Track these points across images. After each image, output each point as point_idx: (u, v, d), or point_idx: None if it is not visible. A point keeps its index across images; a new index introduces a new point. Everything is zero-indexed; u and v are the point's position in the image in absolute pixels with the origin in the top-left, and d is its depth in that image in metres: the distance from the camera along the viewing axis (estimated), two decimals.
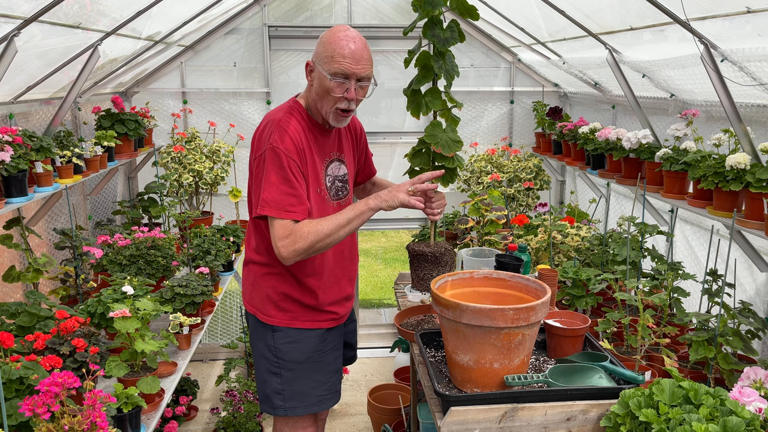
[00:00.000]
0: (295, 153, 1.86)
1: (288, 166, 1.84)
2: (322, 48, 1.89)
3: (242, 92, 4.41)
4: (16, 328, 2.01)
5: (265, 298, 2.05)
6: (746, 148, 2.26)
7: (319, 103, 1.94)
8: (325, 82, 1.88)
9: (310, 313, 2.06)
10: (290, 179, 1.84)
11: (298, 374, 2.06)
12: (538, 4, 3.14)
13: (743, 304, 2.14)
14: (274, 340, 2.05)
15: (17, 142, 2.33)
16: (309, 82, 1.95)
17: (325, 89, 1.90)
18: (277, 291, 2.04)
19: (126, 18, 2.88)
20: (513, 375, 1.68)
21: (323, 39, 1.91)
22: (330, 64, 1.87)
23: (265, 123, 1.94)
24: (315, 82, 1.93)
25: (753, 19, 2.03)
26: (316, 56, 1.92)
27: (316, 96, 1.94)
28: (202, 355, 4.61)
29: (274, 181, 1.83)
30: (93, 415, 1.40)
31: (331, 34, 1.90)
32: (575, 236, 2.91)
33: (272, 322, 2.05)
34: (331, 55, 1.86)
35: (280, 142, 1.85)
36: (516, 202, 4.03)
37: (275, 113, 1.95)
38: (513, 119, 4.70)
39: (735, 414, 1.40)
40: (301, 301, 2.05)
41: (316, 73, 1.91)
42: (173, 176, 3.73)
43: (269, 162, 1.84)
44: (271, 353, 2.06)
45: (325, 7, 4.40)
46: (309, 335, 2.06)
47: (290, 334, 2.04)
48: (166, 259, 2.91)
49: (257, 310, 2.08)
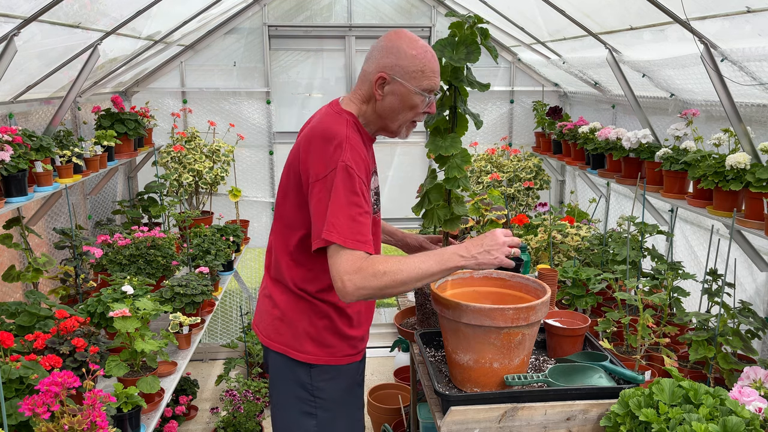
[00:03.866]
0: (365, 175, 1.68)
1: (360, 191, 1.63)
2: (407, 61, 1.71)
3: (242, 92, 4.41)
4: (16, 328, 2.01)
5: (300, 335, 1.82)
6: (746, 148, 2.26)
7: (390, 116, 1.78)
8: (411, 98, 1.74)
9: (348, 347, 1.86)
10: (362, 204, 1.63)
11: (334, 414, 1.87)
12: (538, 3, 3.14)
13: (743, 303, 2.14)
14: (311, 378, 1.83)
15: (17, 141, 2.33)
16: (378, 95, 1.74)
17: (408, 104, 1.75)
18: (317, 326, 1.81)
19: (126, 17, 2.88)
20: (513, 375, 1.68)
21: (403, 50, 1.71)
22: (420, 80, 1.72)
23: (320, 136, 1.68)
24: (390, 97, 1.74)
25: (753, 19, 2.03)
26: (395, 69, 1.71)
27: (388, 110, 1.77)
28: (202, 355, 4.61)
29: (345, 204, 1.60)
30: (93, 415, 1.40)
31: (411, 44, 1.72)
32: (575, 236, 2.91)
33: (309, 360, 1.82)
34: (422, 70, 1.72)
35: (353, 163, 1.63)
36: (516, 202, 4.03)
37: (333, 126, 1.70)
38: (513, 119, 4.70)
39: (735, 414, 1.40)
40: (343, 334, 1.84)
41: (396, 87, 1.73)
42: (173, 176, 3.73)
43: (341, 182, 1.61)
44: (307, 392, 1.83)
45: (325, 6, 4.40)
46: (348, 369, 1.88)
47: (329, 370, 1.84)
48: (166, 259, 2.91)
49: (288, 347, 1.83)
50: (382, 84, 1.73)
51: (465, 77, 1.94)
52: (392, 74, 1.72)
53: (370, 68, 1.75)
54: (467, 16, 1.94)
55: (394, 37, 1.74)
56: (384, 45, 1.74)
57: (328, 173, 1.63)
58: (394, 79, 1.72)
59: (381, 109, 1.77)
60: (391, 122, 1.80)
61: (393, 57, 1.72)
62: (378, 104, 1.77)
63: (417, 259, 1.61)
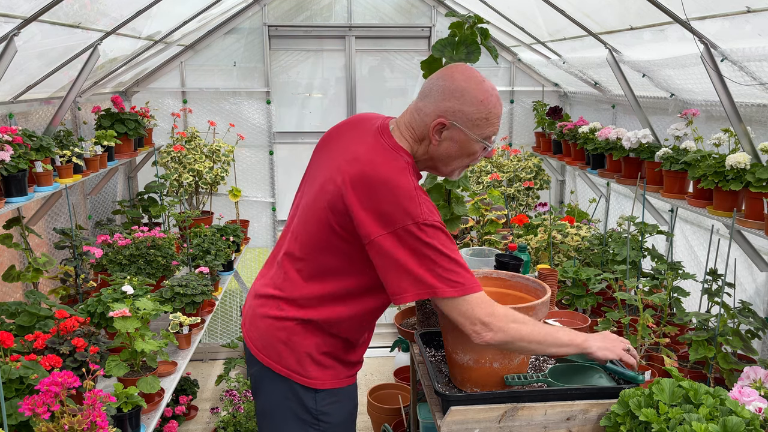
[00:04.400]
0: None
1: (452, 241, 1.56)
2: (472, 108, 1.58)
3: (242, 92, 4.41)
4: (16, 328, 2.01)
5: (303, 358, 1.74)
6: (746, 148, 2.26)
7: (445, 161, 1.68)
8: (471, 146, 1.63)
9: (348, 369, 1.82)
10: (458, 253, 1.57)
11: None
12: (538, 3, 3.14)
13: (743, 303, 2.14)
14: (316, 403, 1.76)
15: (17, 141, 2.33)
16: (435, 140, 1.61)
17: (467, 152, 1.64)
18: (321, 350, 1.74)
19: (126, 17, 2.88)
20: (512, 375, 1.68)
21: (469, 95, 1.59)
22: (484, 128, 1.61)
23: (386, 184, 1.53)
24: (448, 143, 1.62)
25: (753, 19, 2.03)
26: (456, 115, 1.58)
27: (444, 156, 1.65)
28: (202, 355, 4.61)
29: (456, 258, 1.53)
30: (93, 415, 1.40)
31: (478, 88, 1.60)
32: (575, 236, 2.91)
33: (314, 385, 1.75)
34: (487, 117, 1.60)
35: (435, 215, 1.55)
36: (516, 202, 4.03)
37: (399, 175, 1.55)
38: (513, 119, 4.70)
39: (735, 414, 1.40)
40: (345, 359, 1.80)
41: (455, 134, 1.60)
42: (173, 176, 3.73)
43: (436, 240, 1.51)
44: (313, 417, 1.77)
45: (325, 6, 4.40)
46: (349, 390, 1.84)
47: (335, 393, 1.79)
48: (166, 259, 2.91)
49: (292, 371, 1.75)
50: (441, 129, 1.60)
51: None
52: (453, 120, 1.59)
53: (428, 108, 1.60)
54: (467, 16, 1.94)
55: (460, 77, 1.60)
56: (447, 86, 1.59)
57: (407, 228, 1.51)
58: (454, 126, 1.59)
59: (435, 153, 1.65)
60: (444, 166, 1.70)
61: (456, 101, 1.58)
62: (432, 148, 1.64)
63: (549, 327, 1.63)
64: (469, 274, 1.55)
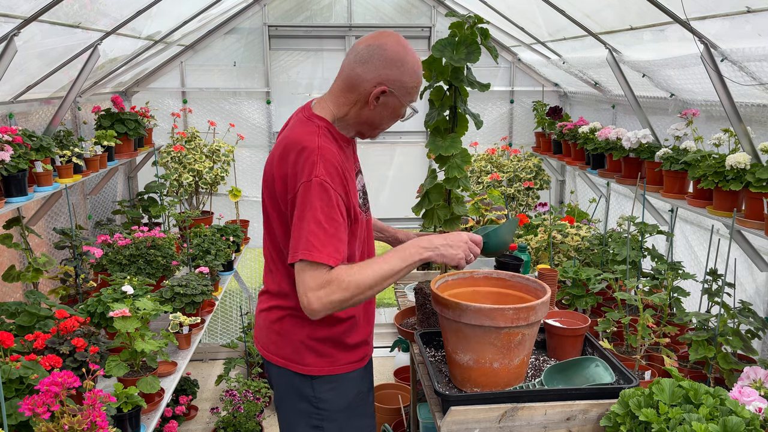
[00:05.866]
0: (341, 186, 1.63)
1: (337, 204, 1.59)
2: (409, 78, 1.68)
3: (242, 92, 4.41)
4: (16, 328, 2.01)
5: (299, 347, 1.79)
6: (746, 148, 2.26)
7: (375, 124, 1.76)
8: (400, 110, 1.74)
9: (348, 354, 1.83)
10: (339, 220, 1.59)
11: (341, 424, 1.84)
12: (538, 3, 3.14)
13: (743, 303, 2.14)
14: (313, 390, 1.80)
15: (17, 141, 2.33)
16: (370, 104, 1.68)
17: (396, 115, 1.75)
18: (314, 337, 1.78)
19: (126, 17, 2.88)
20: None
21: (409, 67, 1.67)
22: (413, 95, 1.73)
23: (294, 148, 1.64)
24: (382, 108, 1.71)
25: (753, 19, 2.03)
26: (396, 84, 1.67)
27: (376, 119, 1.74)
28: (202, 355, 4.61)
29: (324, 221, 1.57)
30: (93, 415, 1.40)
31: (415, 61, 1.69)
32: (575, 236, 2.91)
33: (311, 372, 1.79)
34: (416, 86, 1.72)
35: (328, 176, 1.59)
36: (516, 202, 4.03)
37: (305, 137, 1.65)
38: (513, 119, 4.70)
39: (735, 414, 1.40)
40: (342, 342, 1.81)
41: (391, 100, 1.69)
42: (173, 176, 3.73)
43: (317, 200, 1.57)
44: (311, 405, 1.81)
45: (325, 6, 4.40)
46: (351, 377, 1.85)
47: (332, 380, 1.81)
48: (166, 259, 2.91)
49: (288, 361, 1.80)
50: (381, 96, 1.67)
51: (465, 77, 1.94)
52: (393, 89, 1.67)
53: (369, 75, 1.66)
54: (467, 16, 1.94)
55: (401, 50, 1.66)
56: (388, 55, 1.65)
57: (301, 187, 1.59)
58: (392, 93, 1.67)
59: (368, 116, 1.72)
60: (374, 129, 1.78)
61: (397, 71, 1.66)
62: (366, 112, 1.71)
63: (380, 260, 1.62)
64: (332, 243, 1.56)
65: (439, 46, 1.92)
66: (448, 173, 1.99)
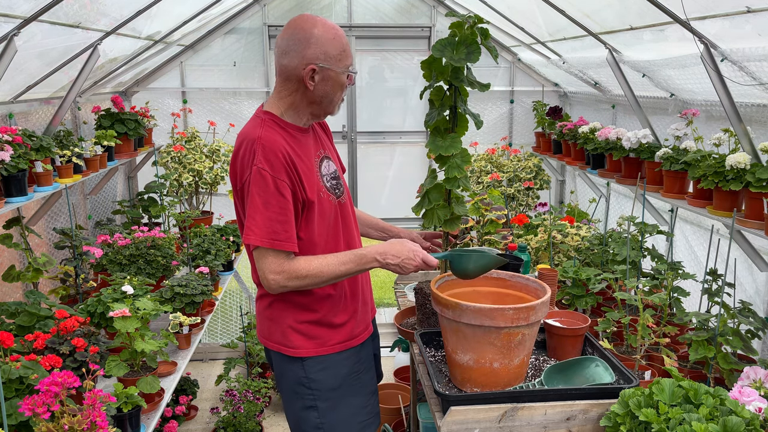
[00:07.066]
0: (284, 171, 1.72)
1: (276, 188, 1.70)
2: (329, 46, 1.76)
3: (242, 92, 4.41)
4: (15, 328, 2.01)
5: (287, 330, 1.88)
6: (746, 148, 2.26)
7: (326, 101, 1.83)
8: (340, 79, 1.81)
9: (339, 334, 1.91)
10: (280, 204, 1.71)
11: (335, 402, 1.91)
12: (538, 3, 3.14)
13: (743, 303, 2.14)
14: (305, 371, 1.88)
15: (17, 141, 2.33)
16: (309, 86, 1.78)
17: (339, 85, 1.82)
18: (299, 320, 1.88)
19: (126, 17, 2.88)
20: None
21: (323, 37, 1.76)
22: (344, 60, 1.80)
23: (241, 144, 1.77)
24: (322, 84, 1.79)
25: (753, 19, 2.03)
26: (319, 58, 1.76)
27: (324, 96, 1.82)
28: (202, 355, 4.61)
29: (260, 206, 1.69)
30: (93, 415, 1.40)
31: (326, 29, 1.78)
32: (575, 236, 2.91)
33: (300, 354, 1.88)
34: (343, 50, 1.79)
35: (266, 163, 1.70)
36: (516, 202, 4.03)
37: (249, 131, 1.77)
38: (513, 119, 4.70)
39: (735, 414, 1.40)
40: (329, 323, 1.89)
41: (326, 74, 1.78)
42: (173, 176, 3.73)
43: (255, 186, 1.70)
44: (304, 386, 1.89)
45: (325, 6, 4.40)
46: (342, 357, 1.92)
47: (322, 360, 1.89)
48: (166, 259, 2.91)
49: (280, 344, 1.90)
50: (313, 75, 1.77)
51: (465, 77, 1.94)
52: (320, 63, 1.76)
53: (294, 62, 1.77)
54: (467, 16, 1.94)
55: (307, 26, 1.77)
56: (301, 37, 1.76)
57: (246, 177, 1.73)
58: (323, 68, 1.77)
59: (315, 97, 1.81)
60: (327, 106, 1.86)
61: (315, 46, 1.76)
62: (310, 93, 1.80)
63: (338, 260, 1.77)
64: (272, 227, 1.69)
65: (439, 46, 1.92)
66: (448, 173, 1.99)
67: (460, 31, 1.92)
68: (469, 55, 1.91)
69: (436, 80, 1.98)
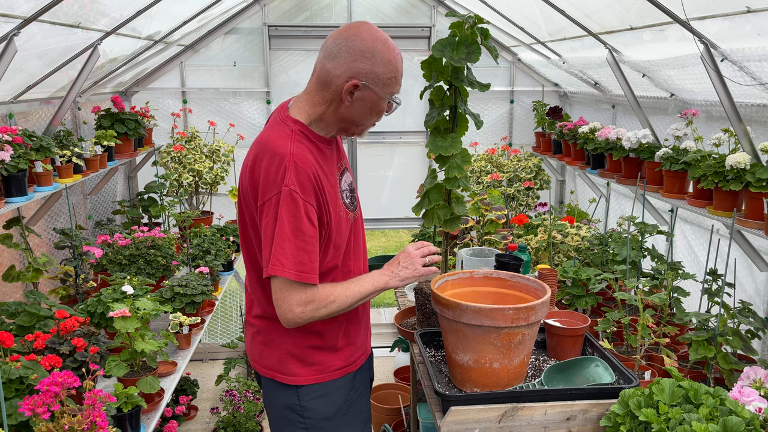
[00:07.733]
0: (313, 194, 1.59)
1: (306, 215, 1.57)
2: (382, 68, 1.60)
3: (242, 92, 4.41)
4: (15, 328, 2.01)
5: (285, 357, 1.75)
6: (746, 148, 2.26)
7: (356, 121, 1.69)
8: (380, 104, 1.66)
9: (338, 359, 1.79)
10: (309, 232, 1.58)
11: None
12: (538, 3, 3.14)
13: (743, 303, 2.14)
14: (299, 399, 1.76)
15: (17, 141, 2.33)
16: (345, 101, 1.62)
17: (376, 110, 1.68)
18: (300, 345, 1.75)
19: (126, 17, 2.88)
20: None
21: (379, 56, 1.60)
22: (392, 87, 1.65)
23: (264, 154, 1.61)
24: (359, 103, 1.64)
25: (753, 19, 2.03)
26: (368, 77, 1.60)
27: (356, 116, 1.67)
28: (202, 355, 4.61)
29: (290, 235, 1.56)
30: (93, 415, 1.40)
31: (386, 49, 1.61)
32: (575, 236, 2.91)
33: (298, 382, 1.75)
34: (395, 77, 1.64)
35: (298, 185, 1.55)
36: (516, 202, 4.03)
37: (277, 143, 1.60)
38: (513, 119, 4.70)
39: (735, 414, 1.40)
40: (331, 347, 1.78)
41: (367, 94, 1.62)
42: (173, 176, 3.73)
43: (285, 209, 1.55)
44: (297, 414, 1.77)
45: (325, 6, 4.40)
46: (339, 384, 1.80)
47: (317, 388, 1.77)
48: (166, 259, 2.91)
49: (274, 371, 1.77)
50: (354, 90, 1.61)
51: (465, 77, 1.94)
52: (366, 81, 1.60)
53: (338, 70, 1.60)
54: (467, 16, 1.94)
55: (368, 37, 1.60)
56: (356, 46, 1.59)
57: (272, 197, 1.57)
58: (366, 86, 1.61)
59: (346, 114, 1.66)
60: (355, 126, 1.72)
61: (368, 62, 1.59)
62: (343, 109, 1.65)
63: (357, 284, 1.70)
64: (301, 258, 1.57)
65: (439, 46, 1.92)
66: (448, 173, 1.99)
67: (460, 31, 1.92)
68: (469, 55, 1.91)
69: (436, 80, 1.98)
